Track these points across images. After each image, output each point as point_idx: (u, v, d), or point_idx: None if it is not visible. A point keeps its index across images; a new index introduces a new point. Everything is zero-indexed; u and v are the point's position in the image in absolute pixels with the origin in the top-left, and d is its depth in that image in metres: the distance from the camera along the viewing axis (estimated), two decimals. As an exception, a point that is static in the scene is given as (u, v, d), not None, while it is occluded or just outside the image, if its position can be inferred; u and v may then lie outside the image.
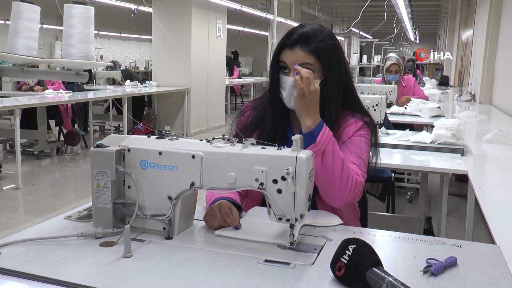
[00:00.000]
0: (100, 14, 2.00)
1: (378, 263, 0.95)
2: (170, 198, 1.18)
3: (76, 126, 6.48)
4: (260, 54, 16.13)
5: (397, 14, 9.46)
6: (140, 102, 7.50)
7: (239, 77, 11.58)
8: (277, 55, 1.43)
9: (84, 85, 6.73)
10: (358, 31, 16.18)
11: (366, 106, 2.78)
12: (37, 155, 5.79)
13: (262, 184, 1.09)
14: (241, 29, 13.27)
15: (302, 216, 1.09)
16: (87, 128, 6.87)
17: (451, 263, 1.05)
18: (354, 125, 1.45)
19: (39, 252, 1.09)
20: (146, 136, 1.25)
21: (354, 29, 14.55)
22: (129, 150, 1.20)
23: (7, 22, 8.28)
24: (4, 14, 8.54)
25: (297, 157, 1.07)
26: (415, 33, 15.27)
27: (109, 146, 1.21)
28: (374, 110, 3.00)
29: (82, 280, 0.95)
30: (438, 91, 6.84)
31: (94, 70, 7.23)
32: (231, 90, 11.18)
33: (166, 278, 0.97)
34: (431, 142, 2.60)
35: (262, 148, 1.13)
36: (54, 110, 6.01)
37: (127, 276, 0.98)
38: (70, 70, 1.64)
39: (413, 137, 2.73)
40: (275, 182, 1.08)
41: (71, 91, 6.23)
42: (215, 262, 1.05)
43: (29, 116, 5.74)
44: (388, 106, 4.01)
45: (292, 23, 9.60)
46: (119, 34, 14.28)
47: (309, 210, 1.11)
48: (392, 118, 3.68)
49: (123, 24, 13.12)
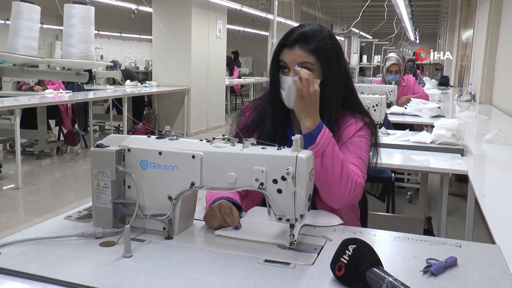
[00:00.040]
0: (100, 14, 2.00)
1: (378, 263, 0.95)
2: (170, 198, 1.18)
3: (76, 126, 6.48)
4: (260, 54, 16.13)
5: (397, 14, 9.46)
6: (140, 102, 7.50)
7: (239, 77, 11.58)
8: (276, 55, 1.43)
9: (84, 85, 6.73)
10: (358, 31, 16.19)
11: (366, 106, 2.78)
12: (37, 155, 5.79)
13: (262, 184, 1.09)
14: (241, 29, 13.27)
15: (302, 216, 1.09)
16: (87, 128, 6.87)
17: (451, 263, 1.05)
18: (354, 125, 1.45)
19: (39, 252, 1.09)
20: (146, 136, 1.25)
21: (354, 29, 14.55)
22: (129, 150, 1.20)
23: (7, 22, 8.28)
24: (4, 14, 8.55)
25: (297, 157, 1.07)
26: (415, 33, 15.27)
27: (109, 146, 1.21)
28: (374, 110, 3.00)
29: (82, 280, 0.95)
30: (438, 91, 6.84)
31: (94, 70, 7.22)
32: (231, 90, 11.18)
33: (166, 278, 0.97)
34: (431, 142, 2.60)
35: (262, 148, 1.13)
36: (54, 110, 6.01)
37: (127, 276, 0.98)
38: (70, 70, 1.64)
39: (413, 137, 2.73)
40: (275, 182, 1.08)
41: (71, 91, 6.23)
42: (215, 262, 1.05)
43: (29, 116, 5.74)
44: (388, 106, 4.01)
45: (292, 23, 9.59)
46: (119, 34, 14.29)
47: (309, 210, 1.11)
48: (392, 118, 3.68)
49: (123, 24, 13.12)
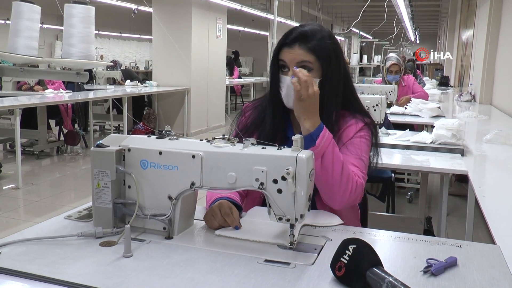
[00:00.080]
0: (100, 14, 2.00)
1: (378, 263, 0.95)
2: (170, 198, 1.18)
3: (76, 126, 6.48)
4: (260, 54, 16.13)
5: (397, 14, 9.46)
6: (140, 102, 7.50)
7: (239, 77, 11.58)
8: (276, 54, 1.43)
9: (84, 85, 6.73)
10: (358, 31, 16.19)
11: (366, 106, 2.78)
12: (37, 155, 5.79)
13: (262, 184, 1.09)
14: (241, 29, 13.27)
15: (302, 216, 1.09)
16: (87, 128, 6.87)
17: (451, 263, 1.05)
18: (354, 126, 1.44)
19: (39, 251, 1.09)
20: (146, 136, 1.25)
21: (354, 29, 14.55)
22: (129, 150, 1.20)
23: (8, 22, 8.27)
24: (4, 14, 8.55)
25: (297, 157, 1.07)
26: (415, 33, 15.27)
27: (109, 146, 1.21)
28: (374, 110, 3.00)
29: (82, 279, 0.95)
30: (438, 91, 6.83)
31: (94, 70, 7.23)
32: (231, 90, 11.18)
33: (166, 277, 0.97)
34: (431, 142, 2.60)
35: (262, 148, 1.13)
36: (54, 110, 6.01)
37: (127, 275, 0.98)
38: (70, 69, 1.64)
39: (413, 137, 2.72)
40: (275, 182, 1.08)
41: (71, 91, 6.24)
42: (215, 262, 1.05)
43: (29, 115, 5.74)
44: (388, 106, 4.01)
45: (292, 23, 9.59)
46: (119, 34, 14.29)
47: (309, 210, 1.11)
48: (392, 118, 3.68)
49: (123, 24, 13.12)
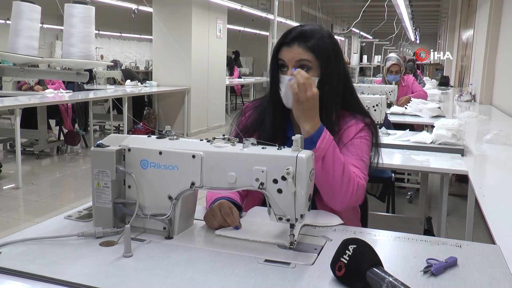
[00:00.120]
0: (100, 13, 2.00)
1: (378, 263, 0.95)
2: (170, 197, 1.18)
3: (76, 125, 6.49)
4: (260, 54, 16.13)
5: (397, 14, 9.46)
6: (140, 102, 7.50)
7: (239, 77, 11.58)
8: (275, 54, 1.42)
9: (84, 84, 6.73)
10: (358, 31, 16.18)
11: (367, 106, 2.78)
12: (37, 155, 5.79)
13: (262, 184, 1.09)
14: (241, 29, 13.27)
15: (302, 216, 1.09)
16: (87, 127, 6.87)
17: (451, 263, 1.05)
18: (355, 126, 1.44)
19: (39, 251, 1.09)
20: (147, 136, 1.25)
21: (354, 29, 14.55)
22: (129, 149, 1.20)
23: (8, 21, 8.27)
24: (4, 14, 8.55)
25: (297, 157, 1.07)
26: (416, 33, 15.26)
27: (109, 146, 1.21)
28: (375, 110, 3.00)
29: (82, 279, 0.95)
30: (439, 91, 6.83)
31: (95, 70, 7.23)
32: (231, 90, 11.18)
33: (166, 277, 0.97)
34: (432, 142, 2.59)
35: (263, 148, 1.13)
36: (54, 110, 6.01)
37: (127, 275, 0.98)
38: (70, 69, 1.64)
39: (413, 137, 2.72)
40: (275, 182, 1.08)
41: (72, 91, 6.24)
42: (215, 262, 1.05)
43: (29, 115, 5.74)
44: (388, 106, 4.01)
45: (292, 23, 9.59)
46: (120, 34, 14.29)
47: (309, 210, 1.11)
48: (392, 118, 3.68)
49: (124, 23, 13.12)
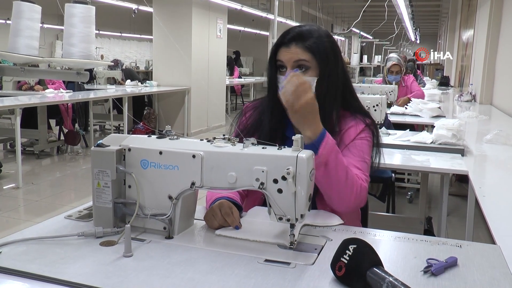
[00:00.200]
0: (100, 13, 2.00)
1: (378, 263, 0.95)
2: (170, 197, 1.17)
3: (76, 125, 6.49)
4: (260, 54, 16.13)
5: (397, 14, 9.45)
6: (140, 102, 7.51)
7: (240, 77, 11.58)
8: (274, 54, 1.42)
9: (84, 84, 6.74)
10: (358, 31, 16.18)
11: (367, 106, 2.78)
12: (37, 155, 5.79)
13: (262, 183, 1.09)
14: (241, 29, 13.26)
15: (302, 216, 1.09)
16: (88, 127, 6.87)
17: (452, 263, 1.05)
18: (356, 127, 1.44)
19: (40, 251, 1.09)
20: (147, 135, 1.25)
21: (354, 29, 14.55)
22: (129, 149, 1.20)
23: (8, 21, 8.28)
24: (4, 14, 8.55)
25: (297, 157, 1.06)
26: (416, 33, 15.26)
27: (109, 146, 1.21)
28: (375, 110, 3.00)
29: (83, 279, 0.95)
30: (439, 91, 6.82)
31: (95, 69, 7.23)
32: (232, 90, 11.18)
33: (166, 277, 0.97)
34: (432, 142, 2.59)
35: (263, 147, 1.13)
36: (54, 110, 6.01)
37: (128, 275, 0.98)
38: (70, 69, 1.64)
39: (413, 137, 2.72)
40: (276, 181, 1.08)
41: (72, 91, 6.24)
42: (215, 262, 1.05)
43: (29, 115, 5.74)
44: (388, 106, 4.01)
45: (292, 23, 9.58)
46: (120, 34, 14.28)
47: (309, 210, 1.11)
48: (392, 118, 3.68)
49: (124, 23, 13.12)
